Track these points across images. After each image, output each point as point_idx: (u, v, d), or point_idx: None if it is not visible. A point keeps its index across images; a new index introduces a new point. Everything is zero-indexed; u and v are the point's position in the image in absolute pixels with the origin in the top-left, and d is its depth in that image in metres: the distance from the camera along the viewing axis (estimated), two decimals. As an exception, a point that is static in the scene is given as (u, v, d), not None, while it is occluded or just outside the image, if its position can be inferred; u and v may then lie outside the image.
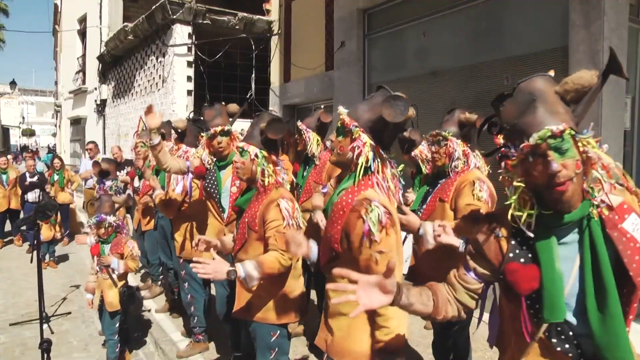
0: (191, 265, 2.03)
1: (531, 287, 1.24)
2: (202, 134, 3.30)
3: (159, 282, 5.33)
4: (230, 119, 3.28)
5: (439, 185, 2.69)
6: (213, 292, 4.24)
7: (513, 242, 1.30)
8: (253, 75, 9.52)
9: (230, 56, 10.12)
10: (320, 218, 2.75)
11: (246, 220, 2.34)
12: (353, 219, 1.70)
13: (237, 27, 9.54)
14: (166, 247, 4.69)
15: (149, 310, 4.85)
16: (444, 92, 5.23)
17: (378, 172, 1.78)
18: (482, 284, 1.41)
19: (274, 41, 8.83)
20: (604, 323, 1.17)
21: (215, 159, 3.29)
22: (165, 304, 4.90)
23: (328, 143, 3.76)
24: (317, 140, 3.69)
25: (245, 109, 3.52)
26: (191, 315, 3.82)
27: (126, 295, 3.58)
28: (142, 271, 6.11)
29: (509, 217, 1.28)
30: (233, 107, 3.34)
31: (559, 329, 1.25)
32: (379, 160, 1.78)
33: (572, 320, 1.24)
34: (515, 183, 1.25)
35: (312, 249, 1.99)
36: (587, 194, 1.21)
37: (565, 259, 1.24)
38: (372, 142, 1.76)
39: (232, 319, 2.72)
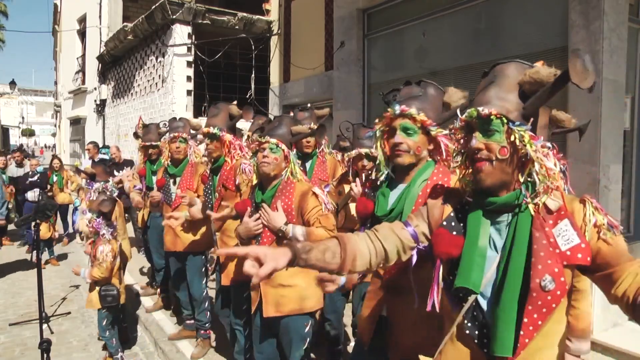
0: (260, 212, 2.35)
1: (448, 252, 1.29)
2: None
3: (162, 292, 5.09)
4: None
5: None
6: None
7: (452, 214, 1.35)
8: (253, 75, 9.52)
9: (230, 56, 10.13)
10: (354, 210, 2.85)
11: None
12: None
13: (237, 27, 9.54)
14: (160, 248, 4.64)
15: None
16: (444, 92, 5.23)
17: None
18: (414, 247, 1.40)
19: (274, 41, 8.83)
20: (494, 309, 1.21)
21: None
22: (158, 302, 4.91)
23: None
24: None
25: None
26: (203, 311, 3.82)
27: (102, 295, 3.62)
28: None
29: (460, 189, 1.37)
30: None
31: (474, 313, 1.27)
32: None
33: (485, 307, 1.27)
34: (455, 152, 1.35)
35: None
36: (518, 184, 1.24)
37: (494, 246, 1.28)
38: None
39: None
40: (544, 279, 1.15)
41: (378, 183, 1.90)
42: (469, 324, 1.27)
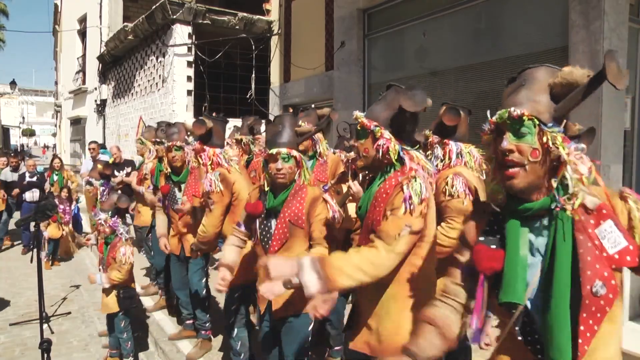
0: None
1: (491, 267, 1.25)
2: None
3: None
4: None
5: None
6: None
7: (487, 228, 1.32)
8: (253, 75, 9.52)
9: (230, 56, 10.13)
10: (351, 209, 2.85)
11: (287, 219, 2.35)
12: (395, 192, 1.72)
13: (237, 27, 9.54)
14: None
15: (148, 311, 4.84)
16: (444, 92, 5.23)
17: (411, 160, 1.82)
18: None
19: (274, 41, 8.83)
20: (544, 317, 1.17)
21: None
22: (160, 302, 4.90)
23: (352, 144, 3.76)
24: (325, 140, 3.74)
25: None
26: (203, 311, 3.83)
27: (122, 298, 3.60)
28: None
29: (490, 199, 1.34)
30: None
31: (525, 319, 1.24)
32: (405, 152, 1.83)
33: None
34: (487, 157, 1.33)
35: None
36: (551, 188, 1.19)
37: (536, 251, 1.24)
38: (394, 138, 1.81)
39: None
40: (595, 284, 1.11)
41: None
42: (519, 330, 1.25)
